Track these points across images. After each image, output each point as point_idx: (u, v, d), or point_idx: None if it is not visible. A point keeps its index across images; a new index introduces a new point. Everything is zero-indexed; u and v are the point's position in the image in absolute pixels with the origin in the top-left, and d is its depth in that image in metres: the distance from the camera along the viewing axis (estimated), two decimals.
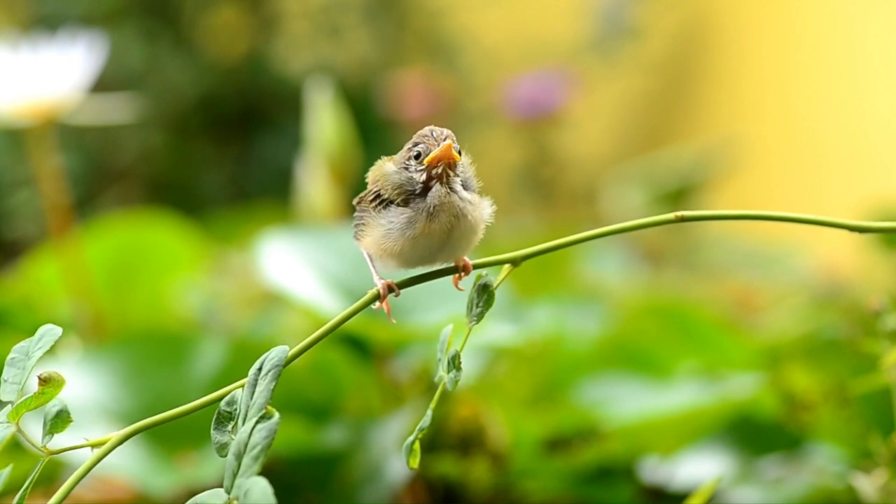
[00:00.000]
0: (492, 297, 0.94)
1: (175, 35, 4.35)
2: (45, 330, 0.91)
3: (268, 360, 0.89)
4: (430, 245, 0.98)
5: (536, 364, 1.85)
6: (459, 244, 0.99)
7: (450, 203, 0.97)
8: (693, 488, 1.63)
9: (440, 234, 0.97)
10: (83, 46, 1.98)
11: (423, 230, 0.97)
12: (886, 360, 1.21)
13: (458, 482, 1.66)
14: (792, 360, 1.80)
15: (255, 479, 0.82)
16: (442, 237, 0.98)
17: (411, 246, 0.98)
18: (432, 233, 0.97)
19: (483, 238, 1.02)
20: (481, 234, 1.00)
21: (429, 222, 0.97)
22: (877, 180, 3.59)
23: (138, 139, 4.27)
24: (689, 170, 3.31)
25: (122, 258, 2.18)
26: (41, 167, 2.00)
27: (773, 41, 4.05)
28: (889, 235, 2.49)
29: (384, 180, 1.00)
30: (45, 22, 3.92)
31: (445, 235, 0.98)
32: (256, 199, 3.89)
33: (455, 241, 0.98)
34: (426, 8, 4.55)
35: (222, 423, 0.88)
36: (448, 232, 0.98)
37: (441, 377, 0.92)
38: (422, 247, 0.98)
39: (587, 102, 4.03)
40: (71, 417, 0.88)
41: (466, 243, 0.99)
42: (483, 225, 1.00)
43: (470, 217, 0.98)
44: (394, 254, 0.98)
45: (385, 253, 0.98)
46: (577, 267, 2.61)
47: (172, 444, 1.64)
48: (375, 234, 0.98)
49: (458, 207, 0.98)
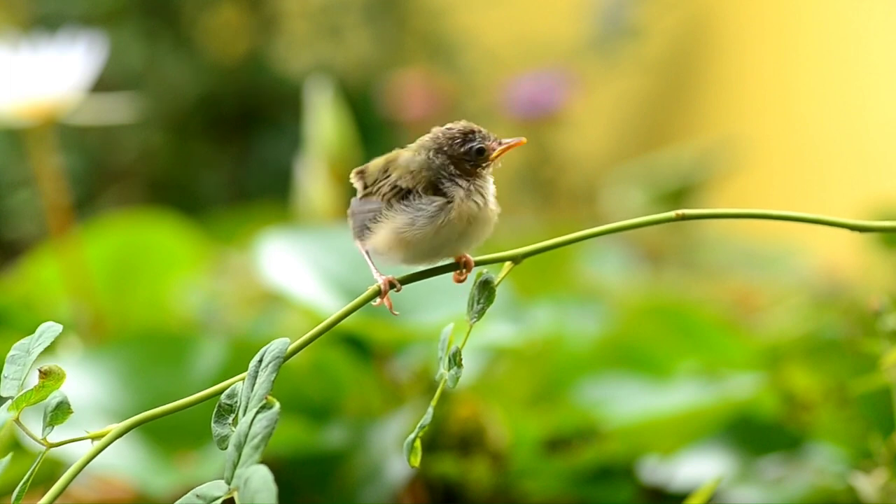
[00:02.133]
0: (493, 293, 0.94)
1: (175, 35, 4.35)
2: (45, 327, 0.91)
3: (268, 351, 0.89)
4: (450, 236, 0.98)
5: (536, 364, 1.85)
6: (474, 237, 0.99)
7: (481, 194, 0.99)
8: (693, 488, 1.63)
9: (464, 223, 0.98)
10: (83, 46, 1.98)
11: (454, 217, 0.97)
12: (886, 360, 1.21)
13: (458, 482, 1.66)
14: (792, 360, 1.80)
15: (256, 467, 0.82)
16: (464, 227, 0.98)
17: (433, 234, 0.98)
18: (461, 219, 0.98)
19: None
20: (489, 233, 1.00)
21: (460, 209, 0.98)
22: (877, 180, 3.59)
23: (138, 139, 4.27)
24: (689, 170, 3.31)
25: (122, 258, 2.18)
26: (41, 167, 2.00)
27: (773, 41, 4.05)
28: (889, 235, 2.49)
29: (403, 170, 0.99)
30: (45, 22, 3.92)
31: (467, 225, 0.98)
32: (256, 199, 3.89)
33: (472, 232, 0.99)
34: (426, 8, 4.55)
35: (223, 415, 0.89)
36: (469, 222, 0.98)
37: (442, 375, 0.92)
38: (443, 236, 0.98)
39: (587, 102, 4.03)
40: (71, 409, 0.88)
41: (478, 238, 1.00)
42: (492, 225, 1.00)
43: (489, 211, 0.99)
44: (412, 244, 0.98)
45: (401, 244, 0.98)
46: (577, 267, 2.61)
47: (172, 444, 1.64)
48: (395, 224, 0.98)
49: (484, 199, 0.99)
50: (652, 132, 4.39)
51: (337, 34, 4.50)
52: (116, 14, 4.25)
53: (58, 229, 1.99)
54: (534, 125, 3.70)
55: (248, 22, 4.51)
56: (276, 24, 4.54)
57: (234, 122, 4.38)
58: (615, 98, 4.36)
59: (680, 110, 4.34)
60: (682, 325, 1.98)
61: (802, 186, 3.89)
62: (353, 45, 4.51)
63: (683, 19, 4.33)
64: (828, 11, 3.84)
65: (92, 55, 1.98)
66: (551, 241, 0.97)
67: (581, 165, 4.23)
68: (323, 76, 2.14)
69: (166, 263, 2.21)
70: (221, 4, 4.47)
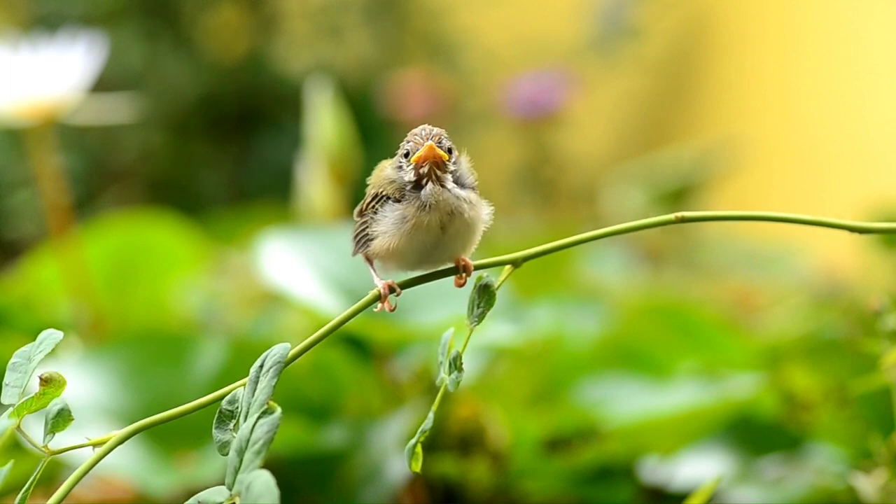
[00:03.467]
0: (493, 297, 0.94)
1: (175, 35, 4.35)
2: (46, 335, 0.91)
3: (269, 357, 0.89)
4: (425, 241, 0.98)
5: (536, 364, 1.85)
6: (456, 242, 0.99)
7: (443, 200, 0.98)
8: (693, 488, 1.62)
9: (434, 228, 0.98)
10: (83, 46, 1.98)
11: (417, 223, 0.97)
12: (886, 360, 1.21)
13: (458, 482, 1.67)
14: (792, 360, 1.80)
15: (258, 472, 0.82)
16: (436, 233, 0.98)
17: (407, 241, 0.98)
18: (426, 226, 0.97)
19: (483, 238, 1.02)
20: (480, 234, 1.00)
21: (420, 215, 0.97)
22: (877, 180, 3.59)
23: (138, 139, 4.27)
24: (689, 170, 3.31)
25: (122, 258, 2.18)
26: (41, 167, 2.00)
27: (773, 41, 4.05)
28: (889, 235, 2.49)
29: (381, 179, 1.00)
30: (45, 22, 3.92)
31: (440, 231, 0.98)
32: (256, 199, 3.89)
33: (451, 238, 0.98)
34: (426, 8, 4.55)
35: (224, 421, 0.89)
36: (443, 228, 0.98)
37: (442, 379, 0.92)
38: (417, 242, 0.98)
39: (587, 102, 4.03)
40: (72, 416, 0.88)
41: (463, 242, 0.99)
42: (482, 225, 1.00)
43: (466, 215, 0.98)
44: (392, 250, 0.98)
45: (385, 252, 0.99)
46: (577, 267, 2.61)
47: (172, 444, 1.64)
48: (376, 232, 0.99)
49: (452, 204, 0.98)
50: (652, 132, 4.39)
51: (337, 34, 4.50)
52: (116, 14, 4.25)
53: (58, 229, 1.99)
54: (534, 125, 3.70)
55: (248, 22, 4.51)
56: (276, 24, 4.54)
57: (234, 122, 4.38)
58: (615, 98, 4.36)
59: (680, 110, 4.34)
60: (682, 325, 1.98)
61: (802, 186, 3.89)
62: (353, 45, 4.51)
63: (683, 19, 4.33)
64: (828, 11, 3.84)
65: (92, 55, 1.98)
66: (551, 245, 0.97)
67: (581, 165, 4.23)
68: (323, 76, 2.14)
69: (166, 263, 2.21)
70: (221, 4, 4.47)
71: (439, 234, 0.98)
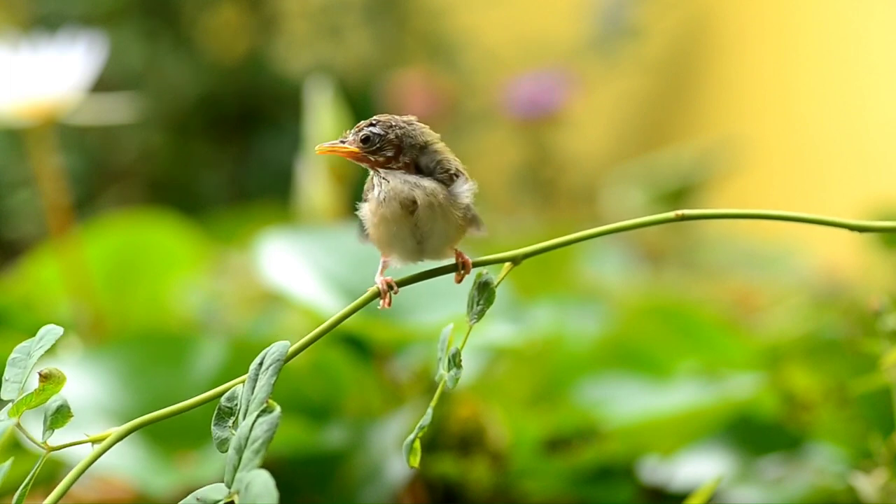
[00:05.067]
0: (492, 294, 0.94)
1: (175, 35, 4.35)
2: (46, 330, 0.91)
3: (269, 354, 0.89)
4: (393, 233, 0.97)
5: (536, 364, 1.85)
6: (431, 233, 0.97)
7: (394, 189, 0.97)
8: (693, 488, 1.62)
9: (396, 220, 0.97)
10: (83, 46, 1.98)
11: (381, 217, 0.97)
12: (886, 360, 1.21)
13: (458, 482, 1.66)
14: (792, 360, 1.79)
15: (257, 471, 0.82)
16: (400, 224, 0.97)
17: (383, 233, 0.97)
18: (388, 218, 0.97)
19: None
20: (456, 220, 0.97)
21: (379, 207, 0.97)
22: (877, 180, 3.59)
23: (138, 139, 4.27)
24: (689, 170, 3.31)
25: (122, 258, 2.18)
26: (41, 167, 2.00)
27: (773, 41, 4.05)
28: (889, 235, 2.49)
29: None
30: (45, 22, 3.92)
31: (403, 221, 0.97)
32: (256, 199, 3.88)
33: (422, 229, 0.97)
34: (426, 8, 4.54)
35: (223, 418, 0.88)
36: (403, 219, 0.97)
37: (441, 375, 0.92)
38: (387, 234, 0.97)
39: (587, 102, 4.03)
40: (71, 413, 0.88)
41: (439, 232, 0.97)
42: (456, 211, 0.97)
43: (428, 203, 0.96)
44: (377, 240, 0.98)
45: (374, 241, 0.99)
46: (577, 267, 2.60)
47: (172, 444, 1.64)
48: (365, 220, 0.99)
49: (404, 195, 0.96)
50: (652, 132, 4.39)
51: (337, 34, 4.50)
52: (116, 14, 4.25)
53: (58, 229, 1.99)
54: (534, 125, 3.70)
55: (248, 22, 4.51)
56: (276, 24, 4.54)
57: (234, 122, 4.38)
58: (615, 98, 4.36)
59: (680, 110, 4.34)
60: (682, 325, 1.98)
61: (802, 186, 3.89)
62: (353, 45, 4.51)
63: (683, 19, 4.33)
64: (828, 11, 3.84)
65: (92, 55, 1.98)
66: (551, 242, 0.96)
67: (581, 165, 4.23)
68: (323, 76, 2.14)
69: (166, 263, 2.20)
70: (221, 4, 4.47)
71: (405, 225, 0.97)
